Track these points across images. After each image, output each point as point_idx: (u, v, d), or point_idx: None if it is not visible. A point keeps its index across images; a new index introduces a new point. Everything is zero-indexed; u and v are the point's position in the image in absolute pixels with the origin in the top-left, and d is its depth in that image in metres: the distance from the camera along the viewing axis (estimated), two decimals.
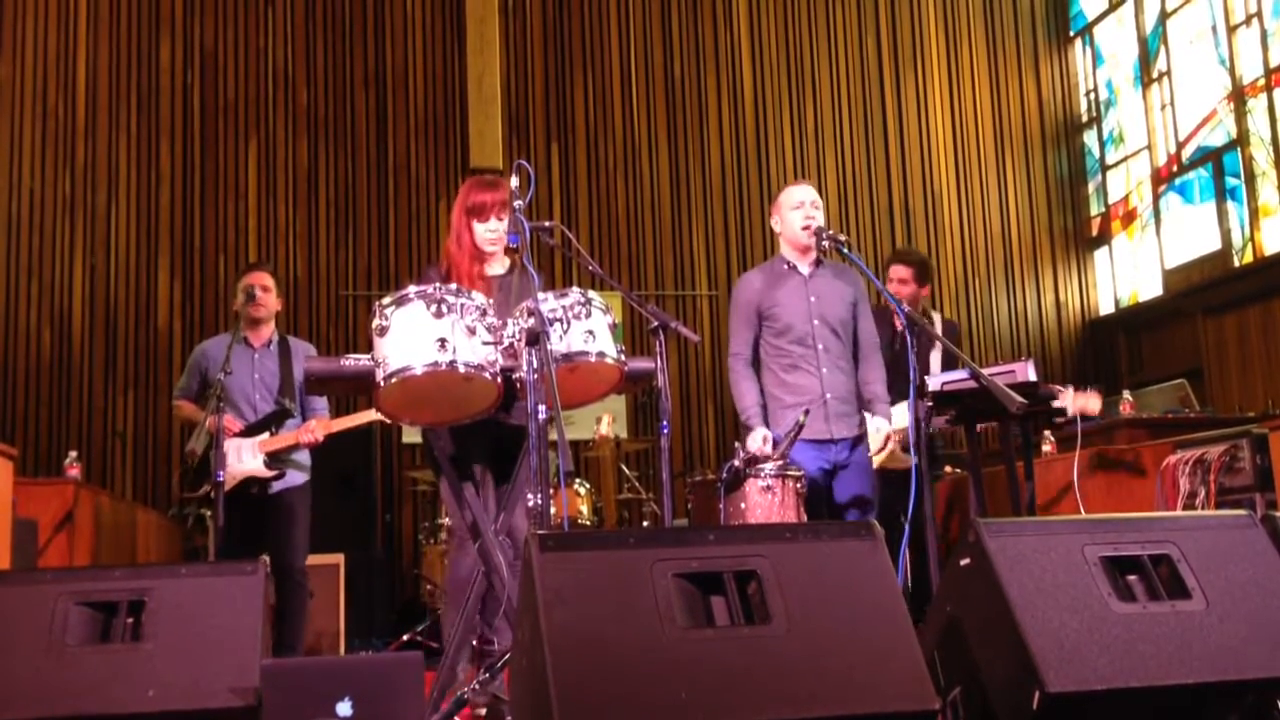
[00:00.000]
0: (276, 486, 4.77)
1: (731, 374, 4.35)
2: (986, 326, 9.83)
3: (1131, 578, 2.49)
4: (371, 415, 4.66)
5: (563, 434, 2.94)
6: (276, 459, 4.74)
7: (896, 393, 4.54)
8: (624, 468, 7.31)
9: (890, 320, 5.10)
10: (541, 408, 2.96)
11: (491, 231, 3.69)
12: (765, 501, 4.01)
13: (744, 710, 2.10)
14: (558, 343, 3.15)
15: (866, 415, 4.28)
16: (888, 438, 4.28)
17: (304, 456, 4.90)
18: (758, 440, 4.12)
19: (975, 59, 10.15)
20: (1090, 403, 4.58)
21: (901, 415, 4.56)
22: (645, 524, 7.15)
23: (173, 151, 8.87)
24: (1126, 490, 5.02)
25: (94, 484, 7.09)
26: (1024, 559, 2.45)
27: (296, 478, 4.86)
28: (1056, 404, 4.41)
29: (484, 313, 3.17)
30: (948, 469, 6.11)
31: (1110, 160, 10.03)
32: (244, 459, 4.68)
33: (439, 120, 9.25)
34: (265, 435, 4.74)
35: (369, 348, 3.20)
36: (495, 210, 3.68)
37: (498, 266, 3.79)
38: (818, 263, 4.37)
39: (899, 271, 5.41)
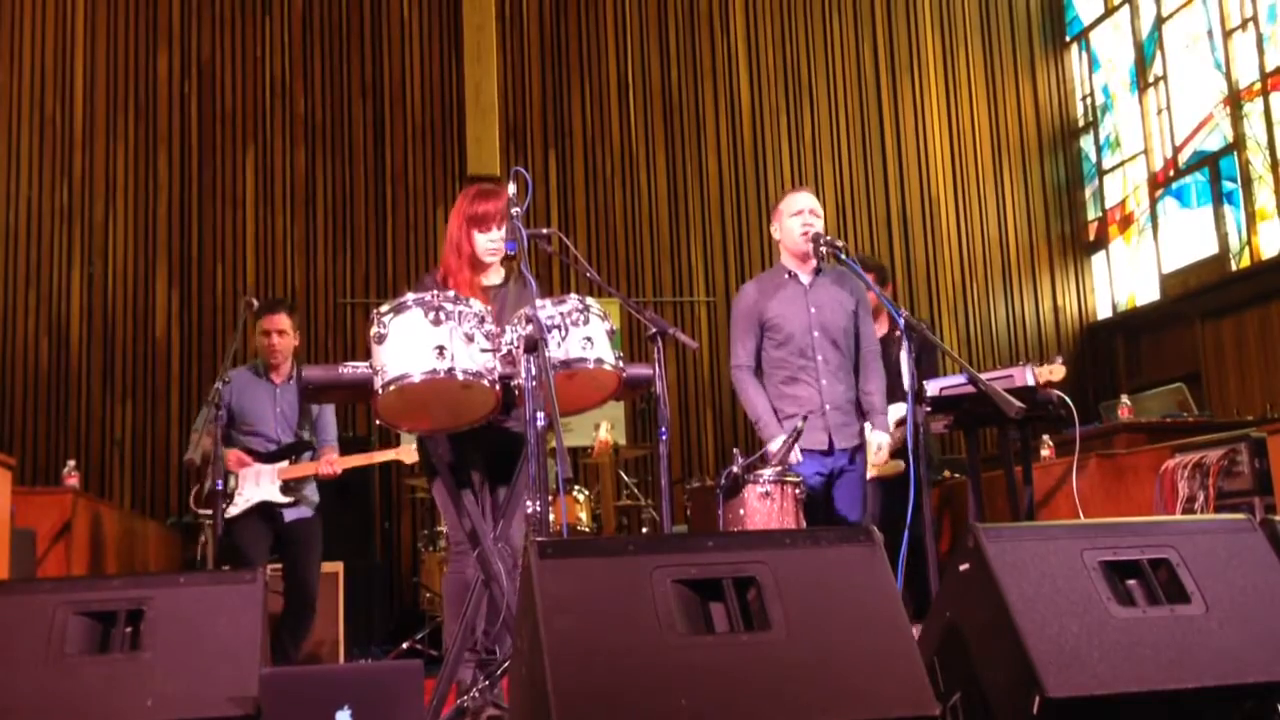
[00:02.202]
0: (290, 515, 4.96)
1: (737, 385, 4.33)
2: (984, 332, 9.83)
3: (1131, 582, 2.49)
4: (390, 455, 5.28)
5: (561, 441, 2.93)
6: (291, 488, 4.95)
7: (897, 400, 4.54)
8: (623, 474, 7.30)
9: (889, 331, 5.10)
10: (540, 414, 2.96)
11: (493, 241, 3.64)
12: (764, 508, 4.00)
13: (744, 717, 2.10)
14: (556, 349, 3.14)
15: (866, 427, 4.28)
16: (889, 451, 4.28)
17: (313, 491, 5.09)
18: (778, 447, 4.12)
19: (972, 65, 10.17)
20: (1054, 372, 4.57)
21: (894, 418, 4.55)
22: (644, 530, 7.14)
23: (170, 161, 8.87)
24: (1125, 494, 5.02)
25: (92, 493, 7.08)
26: (1023, 564, 2.44)
27: (307, 510, 5.06)
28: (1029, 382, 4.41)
29: (482, 320, 3.17)
30: (946, 474, 6.12)
31: (1107, 165, 10.04)
32: (262, 484, 4.91)
33: (436, 129, 9.26)
34: (285, 463, 4.95)
35: (368, 355, 3.20)
36: (498, 220, 3.64)
37: (494, 277, 3.76)
38: (817, 270, 4.36)
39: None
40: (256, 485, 4.88)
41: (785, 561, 2.34)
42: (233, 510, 4.84)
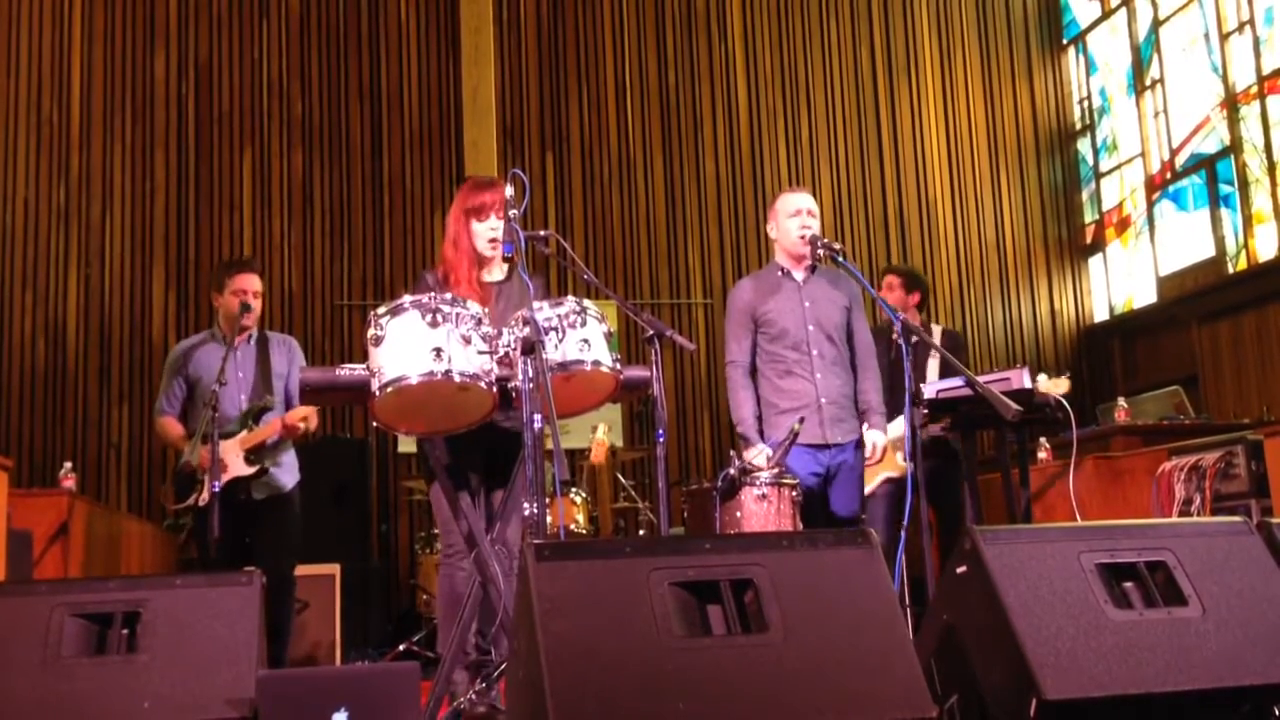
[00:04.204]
0: (260, 494, 4.66)
1: (729, 383, 4.34)
2: (982, 335, 9.84)
3: (1128, 585, 2.49)
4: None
5: (558, 443, 2.93)
6: (258, 454, 4.63)
7: (897, 403, 4.54)
8: (620, 476, 7.30)
9: (888, 333, 5.11)
10: (537, 417, 2.96)
11: (491, 230, 3.63)
12: (760, 510, 4.00)
13: None
14: (553, 351, 3.14)
15: (864, 427, 4.29)
16: (885, 450, 4.29)
17: (290, 458, 4.80)
18: (757, 458, 4.12)
19: (969, 68, 10.17)
20: (1058, 386, 4.56)
21: (900, 427, 4.57)
22: (641, 533, 7.14)
23: (168, 162, 8.86)
24: (1122, 497, 5.03)
25: (89, 495, 7.07)
26: (1020, 566, 2.44)
27: (285, 480, 4.75)
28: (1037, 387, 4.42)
29: (479, 322, 3.17)
30: None
31: (1104, 168, 10.05)
32: (228, 461, 4.56)
33: (434, 131, 9.26)
34: (243, 432, 4.64)
35: (364, 358, 3.19)
36: (494, 208, 3.63)
37: (496, 273, 3.75)
38: (812, 269, 4.38)
39: (889, 280, 5.56)
40: (223, 466, 4.44)
41: (783, 564, 2.34)
42: (205, 497, 4.39)
